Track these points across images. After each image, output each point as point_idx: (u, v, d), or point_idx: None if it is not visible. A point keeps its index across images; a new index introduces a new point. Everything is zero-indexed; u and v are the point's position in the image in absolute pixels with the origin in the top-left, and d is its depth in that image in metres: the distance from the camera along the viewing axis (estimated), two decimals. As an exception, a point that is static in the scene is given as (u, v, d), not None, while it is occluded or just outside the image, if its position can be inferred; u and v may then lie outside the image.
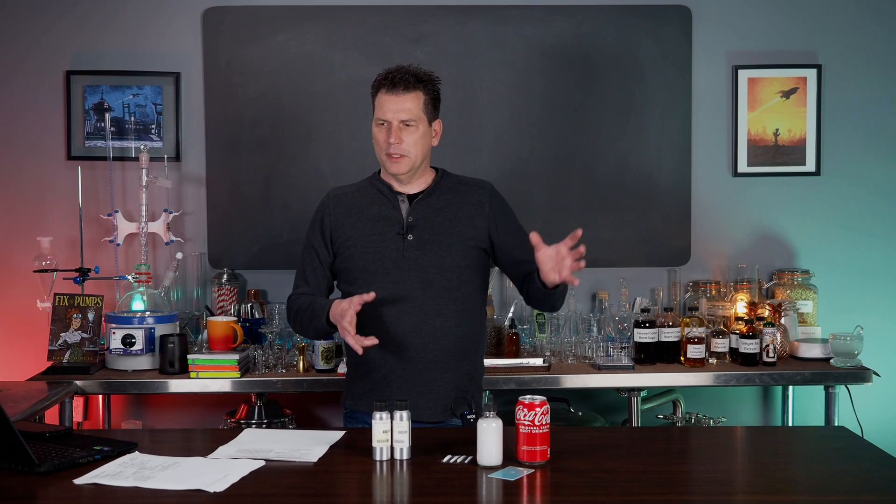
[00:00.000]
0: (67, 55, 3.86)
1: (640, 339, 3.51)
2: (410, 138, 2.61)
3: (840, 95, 3.92)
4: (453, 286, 2.64)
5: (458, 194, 2.71)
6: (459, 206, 2.69)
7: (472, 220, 2.68)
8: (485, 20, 3.86)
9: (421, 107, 2.63)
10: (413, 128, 2.61)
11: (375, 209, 2.69)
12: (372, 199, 2.71)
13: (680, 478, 2.11)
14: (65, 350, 3.45)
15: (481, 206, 2.70)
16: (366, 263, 2.64)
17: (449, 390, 2.61)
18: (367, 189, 2.74)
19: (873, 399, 3.73)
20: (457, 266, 2.65)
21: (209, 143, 3.87)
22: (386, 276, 2.63)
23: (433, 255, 2.63)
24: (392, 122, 2.61)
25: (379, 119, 2.64)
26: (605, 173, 3.90)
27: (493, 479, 2.00)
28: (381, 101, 2.63)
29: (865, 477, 2.05)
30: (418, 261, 2.63)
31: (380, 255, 2.64)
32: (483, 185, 2.76)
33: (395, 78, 2.61)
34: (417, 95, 2.62)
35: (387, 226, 2.66)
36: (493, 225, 2.70)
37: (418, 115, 2.62)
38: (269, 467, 2.09)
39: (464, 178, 2.77)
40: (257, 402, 3.50)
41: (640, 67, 3.88)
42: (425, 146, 2.66)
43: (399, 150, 2.60)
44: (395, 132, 2.60)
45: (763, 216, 3.95)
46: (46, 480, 2.00)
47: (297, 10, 3.85)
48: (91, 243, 3.77)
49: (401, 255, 2.63)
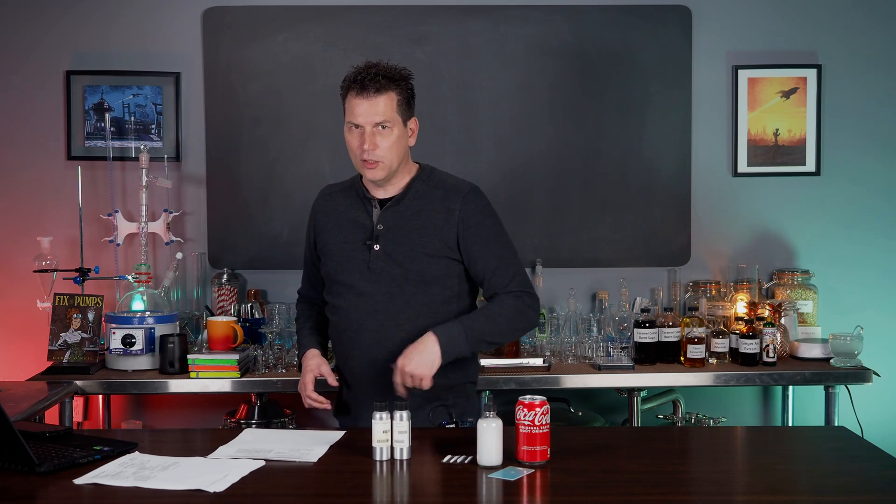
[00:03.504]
0: (67, 55, 3.86)
1: (640, 339, 3.51)
2: (385, 142, 2.47)
3: (840, 95, 3.92)
4: (418, 300, 2.50)
5: (430, 200, 2.55)
6: (429, 213, 2.53)
7: (440, 229, 2.51)
8: (485, 20, 3.86)
9: (394, 108, 2.48)
10: (388, 130, 2.47)
11: (351, 214, 2.59)
12: (350, 203, 2.61)
13: (680, 478, 2.11)
14: (65, 350, 3.45)
15: (451, 213, 2.53)
16: (336, 273, 2.57)
17: (418, 404, 2.45)
18: (348, 190, 2.64)
19: (873, 399, 3.73)
20: (421, 279, 2.50)
21: (209, 143, 3.87)
22: (351, 287, 2.54)
23: (397, 267, 2.50)
24: (365, 126, 2.47)
25: (350, 123, 2.50)
26: (605, 173, 3.90)
27: (493, 479, 2.00)
28: (351, 105, 2.49)
29: (865, 477, 2.05)
30: (383, 272, 2.51)
31: (348, 264, 2.55)
32: (460, 188, 2.57)
33: (365, 79, 2.47)
34: (390, 97, 2.48)
35: (358, 233, 2.56)
36: (463, 234, 2.53)
37: (392, 116, 2.48)
38: (269, 467, 2.09)
39: (445, 181, 2.60)
40: (257, 402, 3.50)
41: (640, 67, 3.88)
42: (401, 148, 2.52)
43: (374, 156, 2.47)
44: (368, 137, 2.46)
45: (763, 216, 3.95)
46: (46, 480, 2.00)
47: (297, 10, 3.85)
48: (91, 243, 3.77)
49: (366, 267, 2.53)
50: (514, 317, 2.54)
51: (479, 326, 2.50)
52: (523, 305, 2.54)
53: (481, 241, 2.54)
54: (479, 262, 2.54)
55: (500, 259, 2.55)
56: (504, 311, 2.53)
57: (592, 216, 3.90)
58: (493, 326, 2.52)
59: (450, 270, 2.54)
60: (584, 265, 3.90)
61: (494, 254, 2.54)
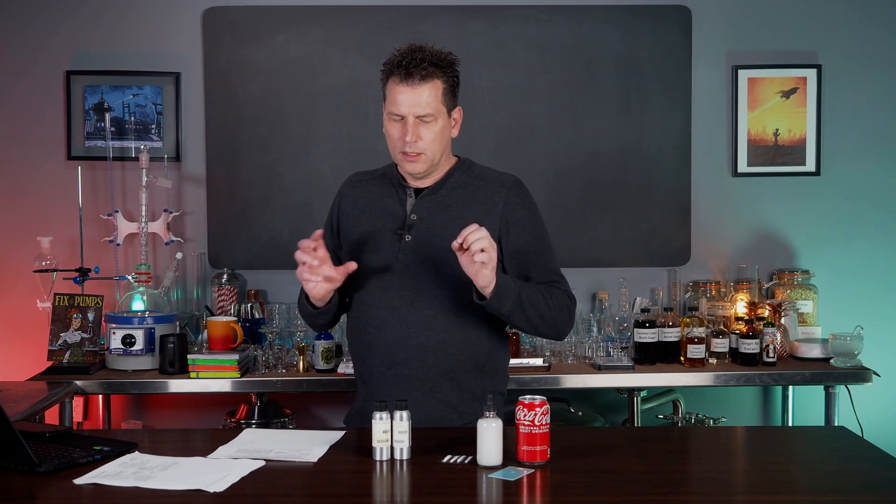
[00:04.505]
0: (67, 55, 3.86)
1: (641, 339, 3.51)
2: (429, 134, 2.31)
3: (840, 95, 3.92)
4: (447, 296, 2.33)
5: (471, 190, 2.39)
6: (470, 203, 2.37)
7: (480, 221, 2.23)
8: (485, 20, 3.86)
9: (440, 98, 2.31)
10: (431, 122, 2.31)
11: (383, 202, 2.42)
12: (382, 191, 2.44)
13: (680, 478, 2.10)
14: (65, 350, 3.45)
15: (495, 204, 2.37)
16: (360, 264, 2.35)
17: (441, 412, 2.37)
18: (383, 177, 2.46)
19: (873, 399, 3.73)
20: (454, 274, 2.27)
21: (209, 143, 3.87)
22: (376, 279, 2.37)
23: (428, 260, 2.34)
24: (408, 117, 2.30)
25: (392, 114, 2.33)
26: (605, 173, 3.90)
27: (493, 479, 2.00)
28: (393, 93, 2.31)
29: (865, 477, 2.05)
30: (411, 265, 2.35)
31: (374, 255, 2.38)
32: (505, 179, 2.42)
33: (410, 66, 2.28)
34: (435, 85, 2.30)
35: (388, 222, 2.39)
36: (505, 228, 2.36)
37: (437, 107, 2.31)
38: (269, 467, 2.09)
39: (487, 171, 2.44)
40: (257, 402, 3.50)
41: (640, 67, 3.88)
42: (444, 140, 2.36)
43: (416, 149, 2.31)
44: (411, 129, 2.30)
45: (763, 216, 3.95)
46: (46, 480, 2.00)
47: (297, 10, 3.85)
48: (91, 243, 3.77)
49: (394, 258, 2.36)
50: (558, 309, 2.35)
51: (529, 294, 2.29)
52: (570, 303, 2.39)
53: (526, 237, 2.38)
54: (522, 261, 2.37)
55: (542, 259, 2.39)
56: (552, 299, 2.34)
57: (592, 216, 3.90)
58: (540, 303, 2.31)
59: None
60: (584, 265, 3.90)
61: (538, 253, 2.38)
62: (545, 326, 2.37)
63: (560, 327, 2.40)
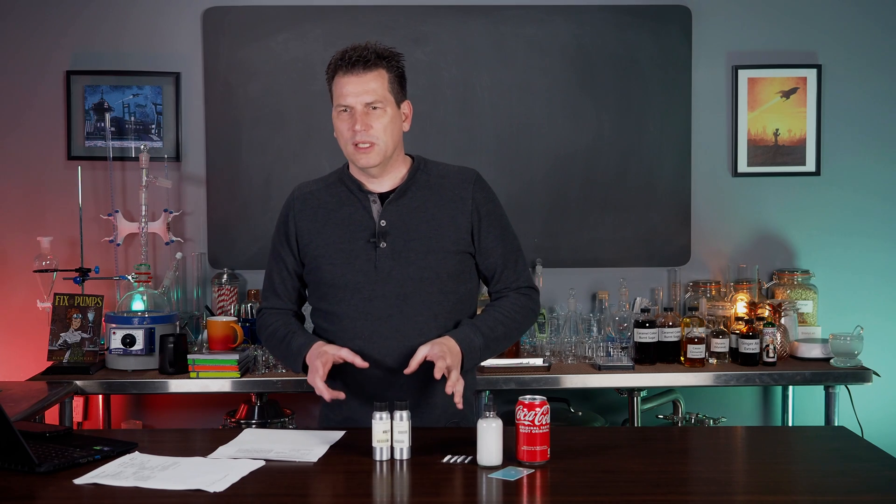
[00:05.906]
0: (67, 55, 3.86)
1: (641, 339, 3.51)
2: (379, 123, 2.28)
3: (840, 95, 3.92)
4: (434, 300, 2.32)
5: (436, 190, 2.36)
6: (438, 204, 2.35)
7: (452, 219, 2.32)
8: (485, 20, 3.86)
9: (386, 86, 2.29)
10: (380, 111, 2.28)
11: (344, 211, 2.36)
12: (340, 200, 2.38)
13: (680, 478, 2.10)
14: (65, 350, 3.45)
15: (463, 201, 2.35)
16: (334, 277, 2.33)
17: (436, 416, 2.37)
18: (334, 186, 2.41)
19: (873, 399, 3.73)
20: (437, 276, 2.31)
21: (209, 143, 3.87)
22: (357, 291, 2.32)
23: (409, 266, 2.31)
24: (355, 106, 2.28)
25: (339, 105, 2.30)
26: (605, 173, 3.90)
27: (493, 479, 2.00)
28: (339, 85, 2.29)
29: (865, 477, 2.05)
30: (392, 272, 2.31)
31: (349, 267, 2.32)
32: (466, 174, 2.40)
33: (353, 56, 2.27)
34: (380, 74, 2.28)
35: (357, 232, 2.34)
36: (477, 223, 2.36)
37: (384, 95, 2.28)
38: (269, 467, 2.09)
39: (445, 168, 2.42)
40: (257, 402, 3.50)
41: (640, 67, 3.88)
42: (396, 131, 2.32)
43: (367, 138, 2.28)
44: (360, 118, 2.27)
45: (763, 216, 3.95)
46: (46, 480, 2.00)
47: (297, 10, 3.85)
48: (91, 243, 3.77)
49: (372, 267, 2.31)
50: (524, 319, 2.42)
51: (492, 333, 2.34)
52: (532, 303, 2.43)
53: (494, 231, 2.38)
54: (491, 256, 2.39)
55: (511, 252, 2.41)
56: (518, 315, 2.39)
57: (592, 216, 3.91)
58: (507, 334, 2.38)
59: (464, 265, 2.37)
60: (584, 265, 3.90)
61: (507, 247, 2.40)
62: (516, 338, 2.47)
63: (526, 328, 2.47)
